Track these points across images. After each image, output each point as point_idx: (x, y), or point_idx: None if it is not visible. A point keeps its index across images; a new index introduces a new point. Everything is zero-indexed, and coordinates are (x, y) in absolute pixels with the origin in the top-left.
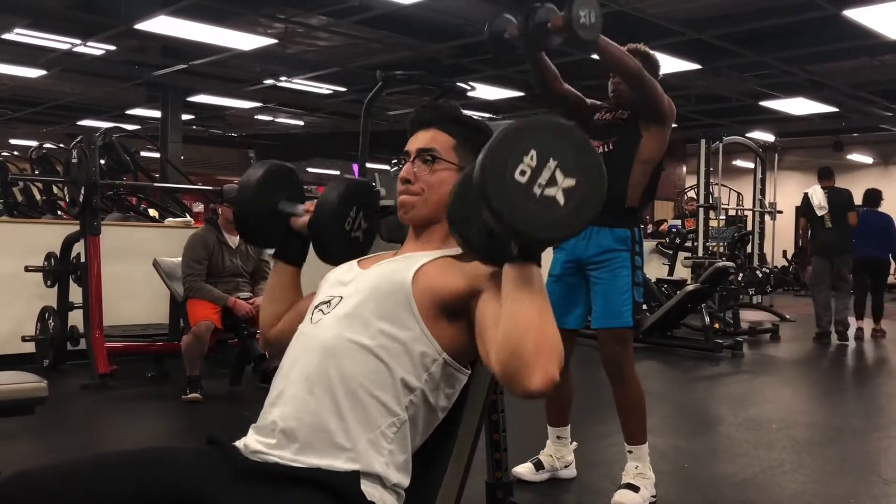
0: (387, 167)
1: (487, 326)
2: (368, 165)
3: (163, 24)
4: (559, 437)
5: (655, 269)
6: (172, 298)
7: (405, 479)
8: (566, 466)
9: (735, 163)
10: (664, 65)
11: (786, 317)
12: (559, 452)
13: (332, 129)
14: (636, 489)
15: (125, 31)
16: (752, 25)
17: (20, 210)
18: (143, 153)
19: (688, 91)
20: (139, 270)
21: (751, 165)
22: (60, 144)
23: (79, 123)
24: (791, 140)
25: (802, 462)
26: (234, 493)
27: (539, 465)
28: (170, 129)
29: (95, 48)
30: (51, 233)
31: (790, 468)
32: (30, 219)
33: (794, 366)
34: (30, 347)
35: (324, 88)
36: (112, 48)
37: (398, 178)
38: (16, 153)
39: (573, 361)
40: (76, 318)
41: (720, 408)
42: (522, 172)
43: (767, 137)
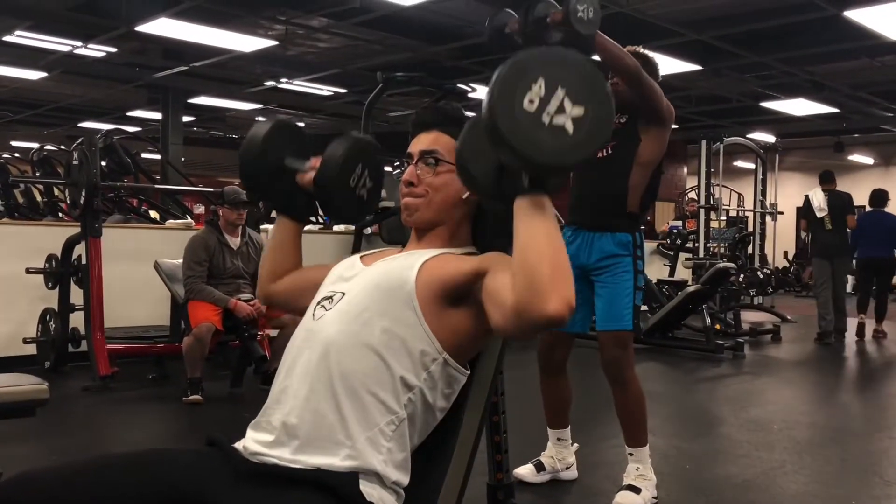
0: (388, 168)
1: (497, 287)
2: None
3: (163, 27)
4: (560, 439)
5: (656, 270)
6: (173, 300)
7: (404, 478)
8: (567, 468)
9: (736, 164)
10: (665, 66)
11: (787, 318)
12: (560, 454)
13: (333, 131)
14: (637, 490)
15: (126, 34)
16: (753, 26)
17: (21, 212)
18: (144, 155)
19: (688, 92)
20: (140, 272)
21: (751, 166)
22: (61, 146)
23: (80, 125)
24: (792, 141)
25: (804, 463)
26: (235, 495)
27: (540, 467)
28: (170, 131)
29: (96, 50)
30: (52, 235)
31: (791, 469)
32: (31, 221)
33: (796, 367)
34: (31, 349)
35: (324, 90)
36: (113, 50)
37: (401, 181)
38: (17, 155)
39: (572, 364)
40: (77, 320)
41: (721, 409)
42: (531, 101)
43: (768, 138)
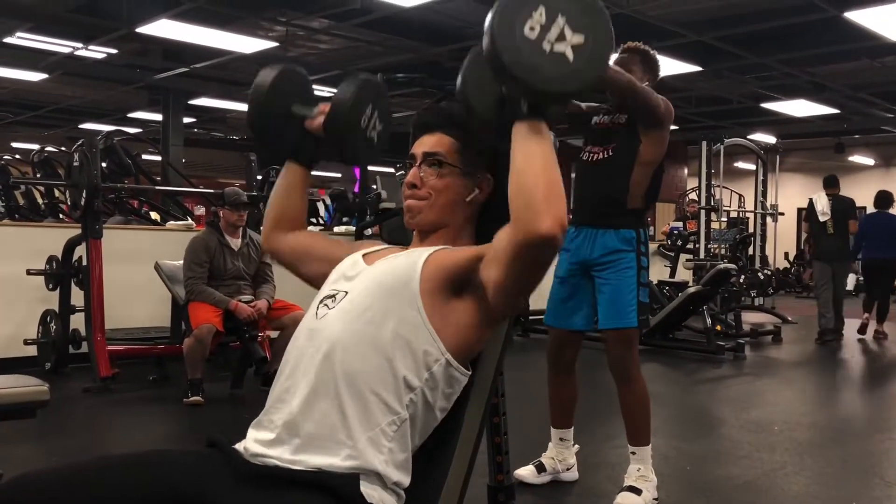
0: (389, 170)
1: (496, 240)
2: (370, 168)
3: (164, 28)
4: (562, 439)
5: (657, 271)
6: (174, 301)
7: (405, 478)
8: (568, 469)
9: (736, 165)
10: (665, 67)
11: (788, 319)
12: (561, 455)
13: None
14: (638, 492)
15: (127, 35)
16: (753, 27)
17: (22, 213)
18: (145, 156)
19: (689, 93)
20: (141, 273)
21: (752, 167)
22: (62, 148)
23: (80, 127)
24: (792, 142)
25: (804, 464)
26: (235, 496)
27: (541, 468)
28: (171, 133)
29: (97, 51)
30: (52, 236)
31: (792, 470)
32: (31, 222)
33: (796, 368)
34: (31, 351)
35: (325, 91)
36: (114, 52)
37: (403, 183)
38: (17, 156)
39: (577, 364)
40: (78, 322)
41: (722, 410)
42: (531, 29)
43: (769, 139)
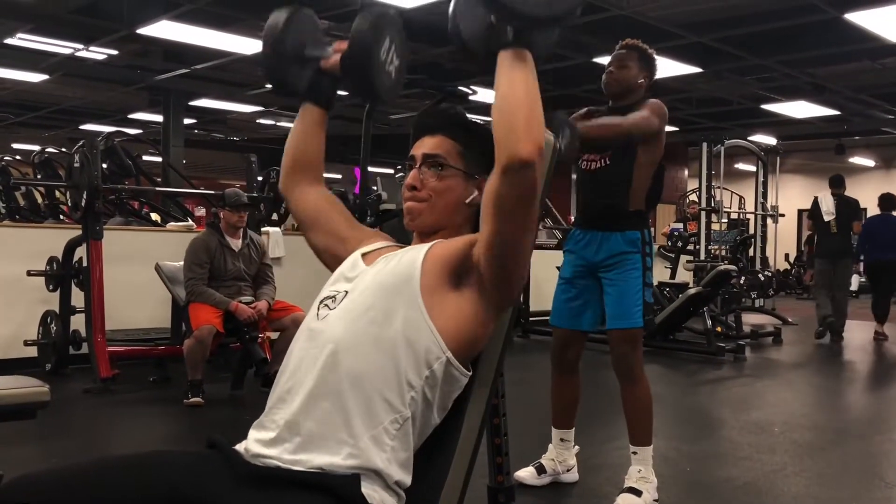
0: (389, 171)
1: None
2: (370, 169)
3: (165, 29)
4: (563, 440)
5: (658, 273)
6: (174, 302)
7: (406, 478)
8: (568, 470)
9: (737, 166)
10: (665, 68)
11: (788, 320)
12: (561, 456)
13: (334, 133)
14: (639, 493)
15: (127, 36)
16: (753, 29)
17: (22, 214)
18: (145, 157)
19: (689, 94)
20: (141, 274)
21: (752, 169)
22: (63, 149)
23: (81, 128)
24: (793, 143)
25: (805, 465)
26: (235, 498)
27: (541, 469)
28: (172, 133)
29: (98, 52)
30: (53, 237)
31: (792, 471)
32: (32, 223)
33: (797, 369)
34: (32, 352)
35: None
36: (114, 53)
37: (403, 185)
38: (18, 157)
39: (581, 364)
40: (78, 323)
41: (722, 411)
42: None
43: (769, 141)
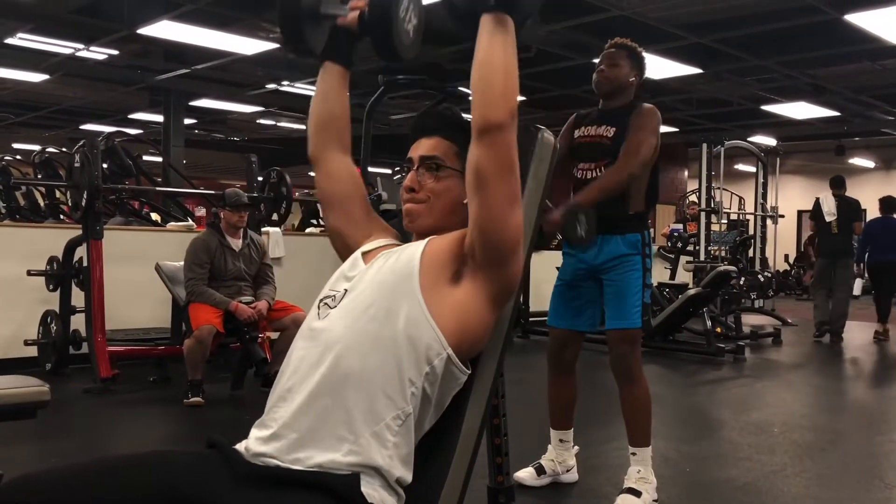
0: (388, 171)
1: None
2: (370, 169)
3: (165, 29)
4: (562, 441)
5: (657, 273)
6: (175, 302)
7: (408, 475)
8: (568, 471)
9: (737, 167)
10: (665, 69)
11: (788, 321)
12: (561, 456)
13: None
14: (638, 494)
15: (128, 36)
16: (754, 30)
17: (23, 214)
18: (146, 157)
19: (689, 95)
20: (141, 274)
21: (752, 169)
22: (63, 149)
23: (81, 128)
24: (793, 144)
25: (804, 466)
26: (235, 497)
27: (540, 470)
28: (172, 134)
29: (98, 53)
30: (53, 237)
31: (792, 472)
32: (32, 223)
33: (796, 370)
34: (32, 351)
35: None
36: (115, 53)
37: (402, 187)
38: (19, 157)
39: (577, 365)
40: (78, 322)
41: (722, 412)
42: None
43: (769, 141)
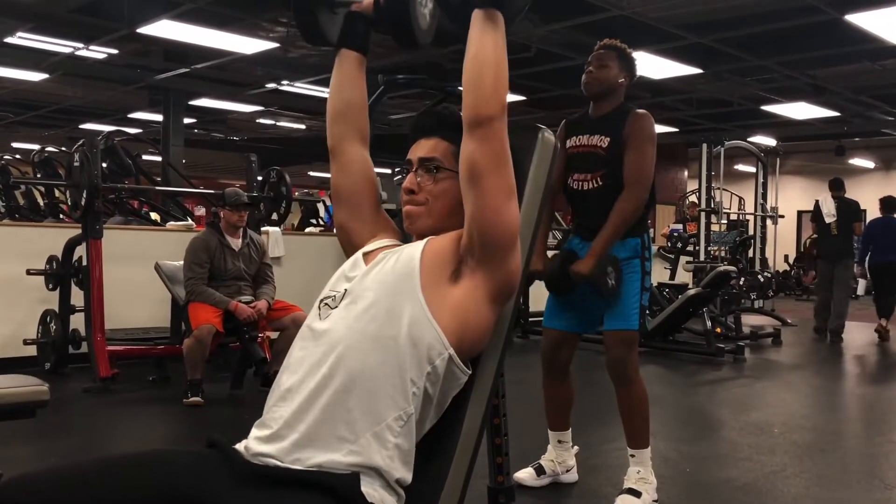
0: (388, 171)
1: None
2: None
3: (165, 29)
4: (560, 442)
5: (657, 274)
6: (174, 302)
7: (408, 475)
8: (567, 471)
9: (736, 167)
10: (665, 69)
11: (787, 321)
12: (560, 457)
13: None
14: (638, 494)
15: (127, 35)
16: (754, 30)
17: (22, 213)
18: (145, 157)
19: (689, 95)
20: (141, 274)
21: (752, 170)
22: (62, 148)
23: (81, 127)
24: (793, 144)
25: (804, 466)
26: (235, 497)
27: (540, 470)
28: (171, 133)
29: (98, 52)
30: (53, 236)
31: (792, 473)
32: (32, 222)
33: (796, 370)
34: (31, 351)
35: (325, 92)
36: (114, 52)
37: (401, 188)
38: (18, 156)
39: (573, 366)
40: (78, 322)
41: (722, 412)
42: None
43: (769, 142)
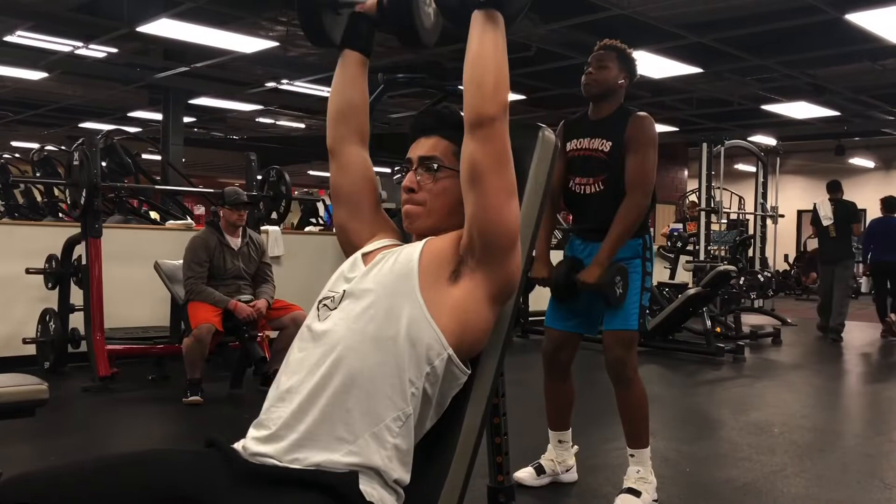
0: (387, 170)
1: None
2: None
3: (165, 27)
4: (560, 441)
5: (657, 273)
6: (173, 301)
7: (406, 476)
8: (567, 470)
9: (737, 167)
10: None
11: (787, 321)
12: (560, 456)
13: None
14: (638, 494)
15: (127, 34)
16: (754, 29)
17: (21, 212)
18: (145, 156)
19: (689, 94)
20: (140, 273)
21: (752, 169)
22: (62, 147)
23: (80, 126)
24: (793, 144)
25: (804, 466)
26: (233, 496)
27: (540, 470)
28: (171, 132)
29: (97, 51)
30: (52, 235)
31: (792, 472)
32: (31, 221)
33: (796, 370)
34: (31, 350)
35: (325, 91)
36: (114, 51)
37: (401, 187)
38: (17, 155)
39: (575, 366)
40: (77, 321)
41: (721, 412)
42: None
43: (769, 141)
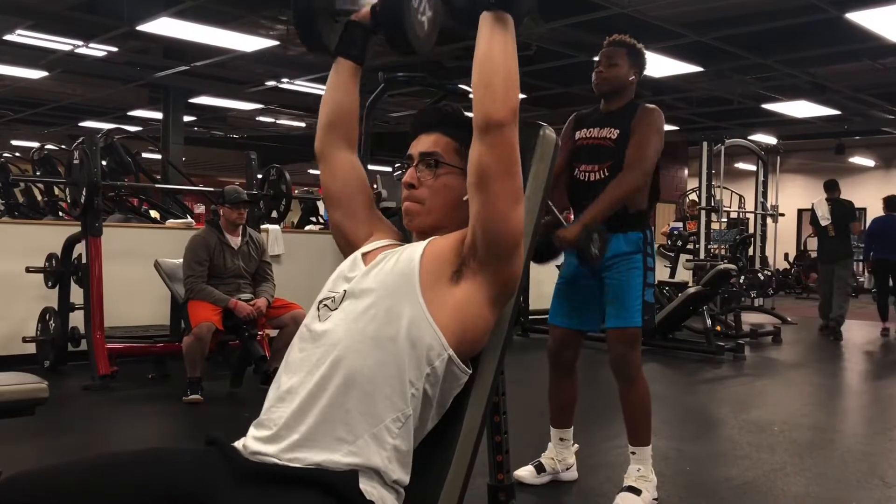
0: (388, 169)
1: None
2: (370, 167)
3: (165, 26)
4: (562, 440)
5: (657, 272)
6: (174, 300)
7: (405, 476)
8: (567, 469)
9: (737, 165)
10: (666, 67)
11: (787, 319)
12: (561, 455)
13: None
14: (638, 492)
15: (127, 33)
16: (755, 28)
17: (21, 211)
18: (145, 154)
19: (690, 93)
20: (140, 272)
21: (753, 168)
22: (62, 146)
23: (80, 125)
24: (793, 143)
25: (804, 465)
26: (234, 495)
27: (540, 468)
28: (171, 131)
29: (97, 49)
30: (52, 234)
31: (792, 471)
32: (31, 220)
33: (796, 368)
34: (31, 348)
35: (324, 91)
36: (114, 49)
37: (402, 183)
38: (17, 154)
39: (578, 363)
40: (77, 319)
41: (722, 410)
42: None
43: (769, 140)
